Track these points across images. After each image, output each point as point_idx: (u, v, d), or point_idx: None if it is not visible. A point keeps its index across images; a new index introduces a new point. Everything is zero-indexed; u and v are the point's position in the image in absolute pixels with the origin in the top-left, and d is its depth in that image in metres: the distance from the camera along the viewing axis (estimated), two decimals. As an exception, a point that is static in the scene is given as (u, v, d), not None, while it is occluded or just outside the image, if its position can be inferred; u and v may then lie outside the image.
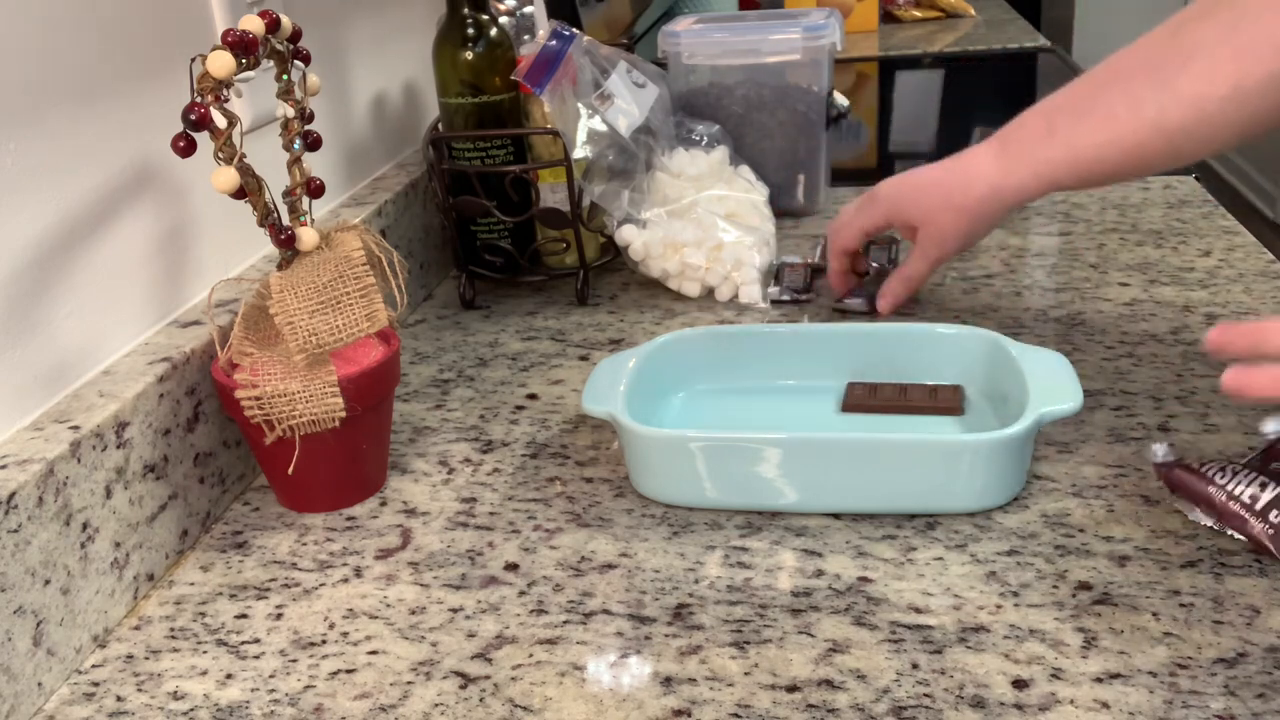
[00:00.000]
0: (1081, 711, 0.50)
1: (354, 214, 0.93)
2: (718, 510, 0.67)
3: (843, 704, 0.51)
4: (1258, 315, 0.86)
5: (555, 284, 1.03)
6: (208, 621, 0.61)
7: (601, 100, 0.96)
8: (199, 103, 0.59)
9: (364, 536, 0.67)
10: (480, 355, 0.91)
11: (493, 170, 0.95)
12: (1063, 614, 0.56)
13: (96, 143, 0.66)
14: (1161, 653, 0.53)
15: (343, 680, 0.56)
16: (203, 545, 0.68)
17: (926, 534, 0.63)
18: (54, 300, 0.62)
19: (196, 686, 0.56)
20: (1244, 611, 0.55)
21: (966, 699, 0.51)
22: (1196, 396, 0.75)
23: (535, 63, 0.93)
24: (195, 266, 0.75)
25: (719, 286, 0.97)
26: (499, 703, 0.53)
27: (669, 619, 0.58)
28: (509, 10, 1.14)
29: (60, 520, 0.56)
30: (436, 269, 1.07)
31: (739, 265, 0.96)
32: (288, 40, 0.66)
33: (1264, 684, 0.51)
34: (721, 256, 0.96)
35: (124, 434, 0.61)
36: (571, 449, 0.75)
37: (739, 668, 0.54)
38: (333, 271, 0.66)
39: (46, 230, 0.62)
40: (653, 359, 0.75)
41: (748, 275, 0.95)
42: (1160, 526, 0.62)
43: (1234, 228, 1.05)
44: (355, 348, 0.69)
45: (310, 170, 0.70)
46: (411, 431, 0.79)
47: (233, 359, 0.67)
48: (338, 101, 0.96)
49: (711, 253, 0.96)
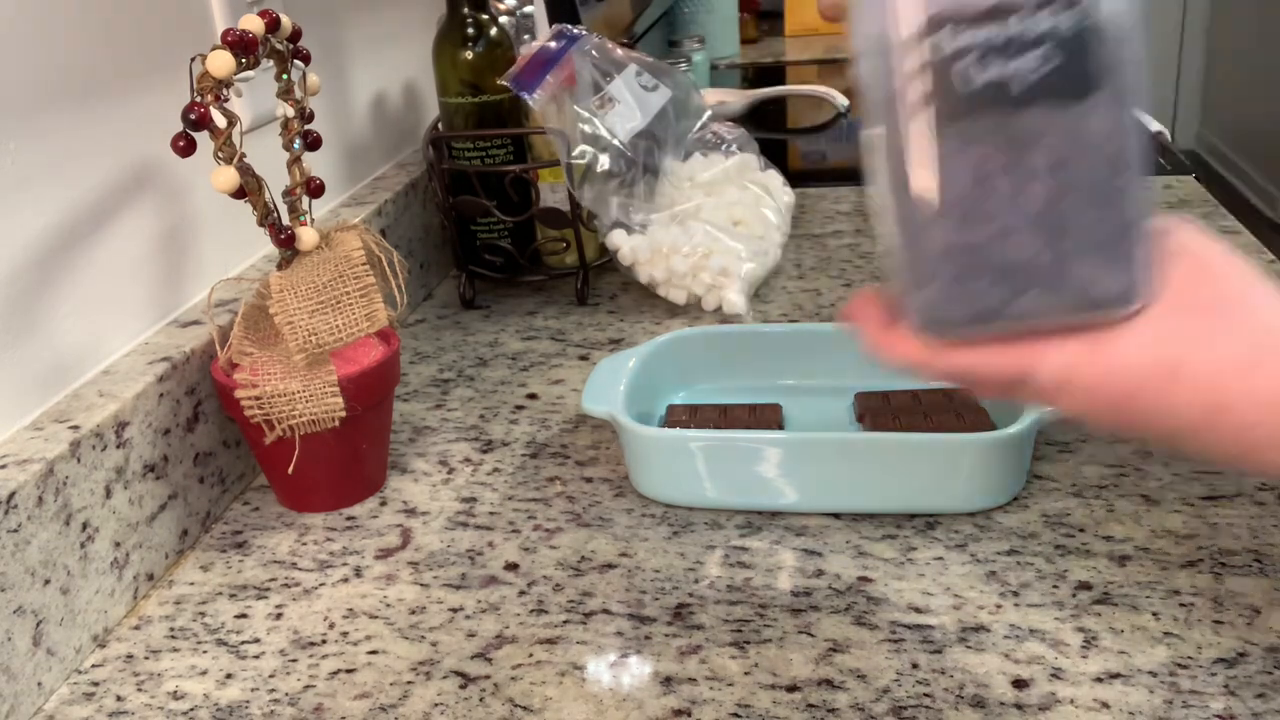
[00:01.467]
0: (1081, 711, 0.50)
1: (354, 214, 0.93)
2: (718, 510, 0.67)
3: (843, 704, 0.51)
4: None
5: (555, 284, 1.03)
6: (208, 621, 0.61)
7: (602, 104, 0.96)
8: (199, 102, 0.59)
9: (364, 536, 0.67)
10: (480, 355, 0.91)
11: (493, 170, 0.95)
12: (1063, 614, 0.56)
13: (96, 143, 0.66)
14: (1161, 653, 0.53)
15: (343, 680, 0.56)
16: (203, 545, 0.68)
17: (926, 534, 0.63)
18: (54, 299, 0.62)
19: (196, 686, 0.56)
20: (1244, 611, 0.55)
21: (966, 699, 0.51)
22: (1196, 396, 0.75)
23: (525, 66, 0.93)
24: (195, 266, 0.75)
25: (704, 295, 0.95)
26: (499, 703, 0.53)
27: (669, 619, 0.58)
28: (509, 10, 1.14)
29: (60, 520, 0.56)
30: (436, 269, 1.07)
31: (725, 274, 0.94)
32: (288, 40, 0.66)
33: (1264, 684, 0.51)
34: (709, 264, 0.94)
35: (124, 434, 0.61)
36: (571, 449, 0.75)
37: (739, 667, 0.54)
38: (333, 271, 0.66)
39: (46, 230, 0.62)
40: (653, 359, 0.75)
41: (732, 284, 0.93)
42: (1160, 526, 0.62)
43: (1234, 228, 1.05)
44: (355, 347, 0.69)
45: (310, 170, 0.70)
46: (411, 431, 0.79)
47: (233, 359, 0.67)
48: (338, 101, 0.96)
49: (699, 261, 0.94)
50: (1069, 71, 0.43)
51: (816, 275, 1.01)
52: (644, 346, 0.76)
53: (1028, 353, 0.45)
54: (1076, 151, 0.43)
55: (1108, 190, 0.44)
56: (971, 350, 0.46)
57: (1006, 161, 0.43)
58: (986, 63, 0.43)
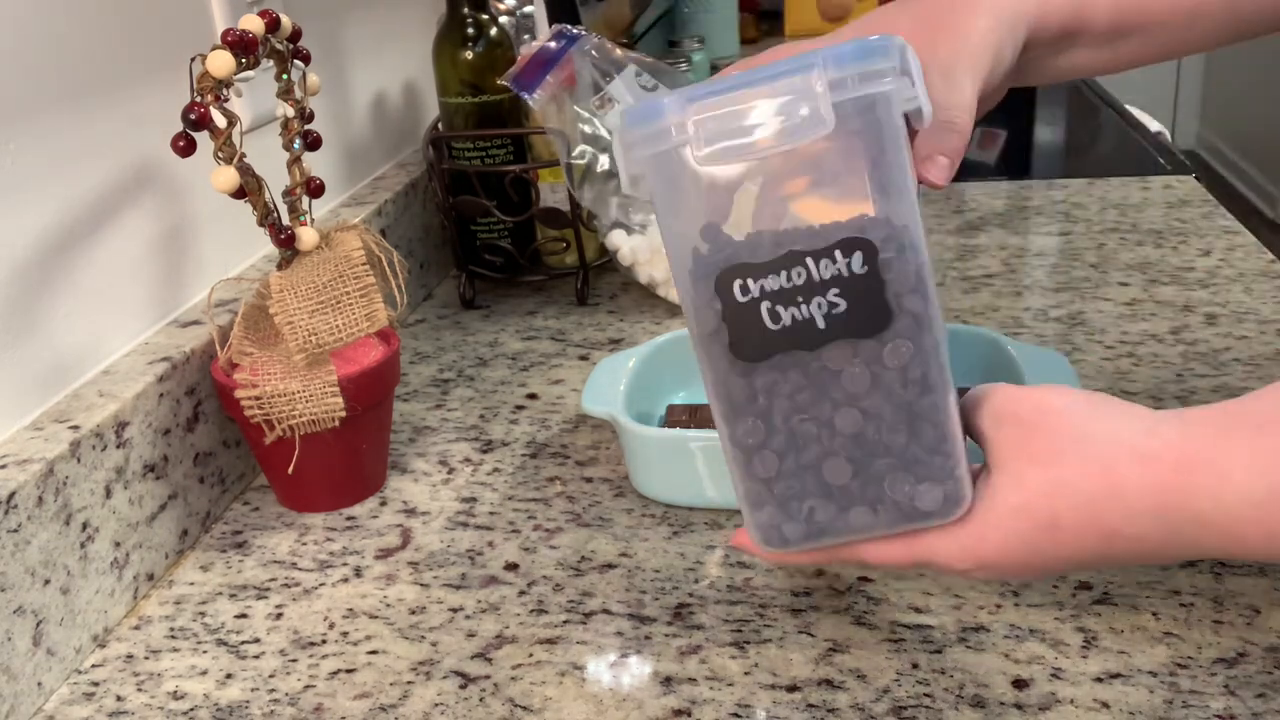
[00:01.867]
0: (1081, 711, 0.50)
1: (354, 214, 0.93)
2: (718, 510, 0.67)
3: (843, 704, 0.51)
4: (1257, 314, 0.87)
5: (555, 284, 1.03)
6: (208, 621, 0.61)
7: (601, 104, 0.96)
8: (199, 102, 0.59)
9: (364, 536, 0.67)
10: (480, 355, 0.91)
11: (493, 170, 0.95)
12: (1063, 614, 0.56)
13: (96, 143, 0.66)
14: (1161, 653, 0.53)
15: (343, 680, 0.56)
16: (203, 545, 0.68)
17: (926, 534, 0.63)
18: (54, 300, 0.62)
19: (196, 686, 0.56)
20: (1244, 611, 0.55)
21: (966, 699, 0.51)
22: (1196, 396, 0.75)
23: (525, 66, 0.93)
24: (195, 266, 0.75)
25: None
26: (499, 703, 0.53)
27: (669, 619, 0.58)
28: (509, 10, 1.14)
29: (60, 520, 0.56)
30: (436, 269, 1.07)
31: None
32: (287, 40, 0.66)
33: (1264, 684, 0.51)
34: None
35: (124, 434, 0.61)
36: (571, 449, 0.75)
37: (739, 667, 0.54)
38: (333, 271, 0.66)
39: (46, 230, 0.62)
40: (653, 359, 0.75)
41: None
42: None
43: (1234, 228, 1.05)
44: (355, 347, 0.69)
45: (310, 170, 0.70)
46: (411, 431, 0.79)
47: (233, 359, 0.67)
48: (338, 101, 0.96)
49: None
50: (861, 310, 0.45)
51: (816, 275, 1.01)
52: (644, 346, 0.76)
53: (916, 548, 0.48)
54: (878, 381, 0.46)
55: (913, 413, 0.46)
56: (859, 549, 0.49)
57: (814, 396, 0.46)
58: (780, 309, 0.45)
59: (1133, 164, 1.28)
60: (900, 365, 0.45)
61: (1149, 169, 1.24)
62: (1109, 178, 1.21)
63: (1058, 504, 0.45)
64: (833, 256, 0.44)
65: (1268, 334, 0.83)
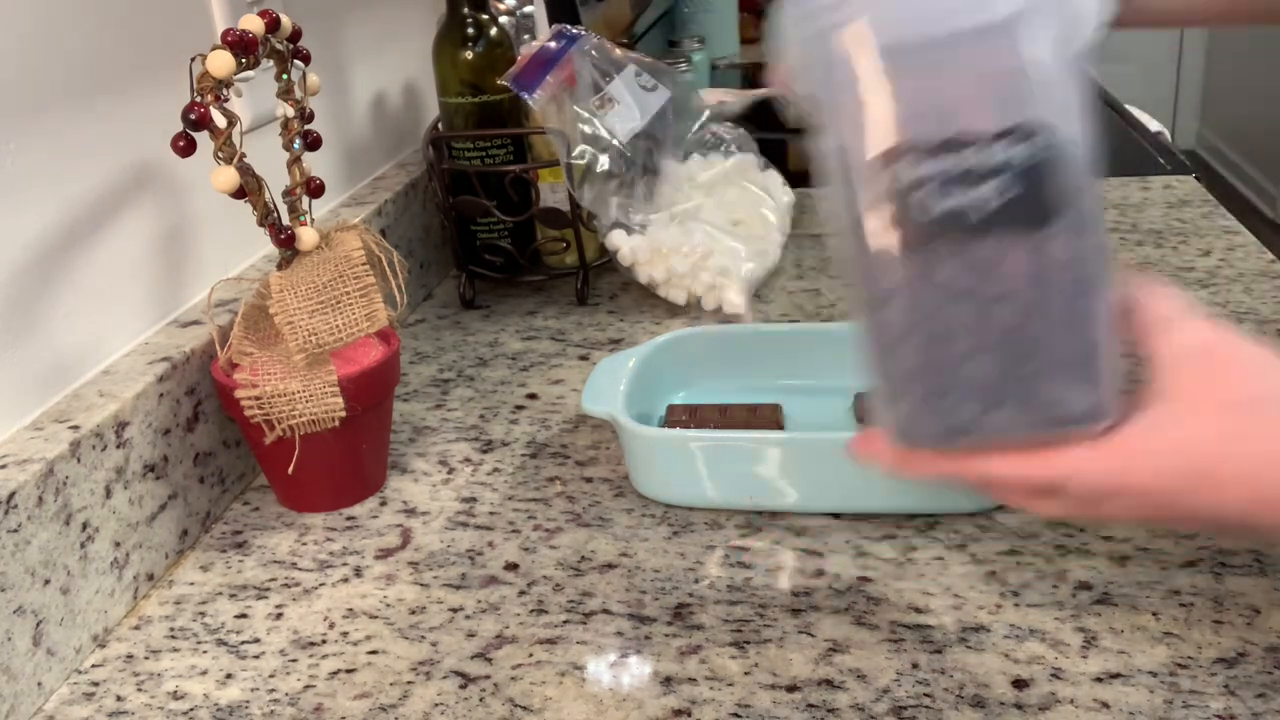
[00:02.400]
0: (1081, 711, 0.50)
1: (354, 214, 0.93)
2: (718, 510, 0.67)
3: (843, 704, 0.51)
4: (1257, 314, 0.86)
5: (555, 284, 1.03)
6: (208, 621, 0.61)
7: (601, 104, 0.96)
8: (199, 102, 0.59)
9: (364, 536, 0.67)
10: (480, 355, 0.91)
11: (493, 170, 0.95)
12: (1063, 614, 0.56)
13: (96, 143, 0.66)
14: (1161, 653, 0.53)
15: (343, 680, 0.56)
16: (203, 545, 0.68)
17: (926, 534, 0.63)
18: (54, 300, 0.62)
19: (196, 686, 0.56)
20: (1244, 611, 0.55)
21: (966, 699, 0.51)
22: (1196, 396, 0.75)
23: (525, 66, 0.93)
24: (195, 266, 0.75)
25: (704, 295, 0.95)
26: (499, 703, 0.53)
27: (669, 619, 0.58)
28: (509, 10, 1.14)
29: (60, 520, 0.56)
30: (436, 269, 1.07)
31: (725, 274, 0.93)
32: (287, 40, 0.66)
33: (1264, 684, 0.51)
34: (709, 265, 0.94)
35: (124, 434, 0.61)
36: (571, 449, 0.75)
37: (739, 667, 0.54)
38: (333, 271, 0.66)
39: (46, 230, 0.62)
40: (653, 359, 0.75)
41: (731, 284, 0.93)
42: (1160, 526, 0.62)
43: (1234, 228, 1.05)
44: (355, 347, 0.69)
45: (310, 170, 0.70)
46: (411, 431, 0.79)
47: (233, 359, 0.67)
48: (338, 101, 0.96)
49: (698, 261, 0.94)
50: (1027, 201, 0.43)
51: (816, 275, 1.02)
52: (644, 346, 0.76)
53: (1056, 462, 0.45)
54: (1038, 276, 0.44)
55: (1071, 313, 0.44)
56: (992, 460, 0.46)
57: (970, 286, 0.44)
58: (945, 192, 0.43)
59: (1133, 164, 1.28)
60: (1062, 262, 0.43)
61: (1149, 169, 1.24)
62: (1109, 178, 1.21)
63: (1228, 459, 0.42)
64: (1001, 144, 0.42)
65: (1268, 334, 0.83)
